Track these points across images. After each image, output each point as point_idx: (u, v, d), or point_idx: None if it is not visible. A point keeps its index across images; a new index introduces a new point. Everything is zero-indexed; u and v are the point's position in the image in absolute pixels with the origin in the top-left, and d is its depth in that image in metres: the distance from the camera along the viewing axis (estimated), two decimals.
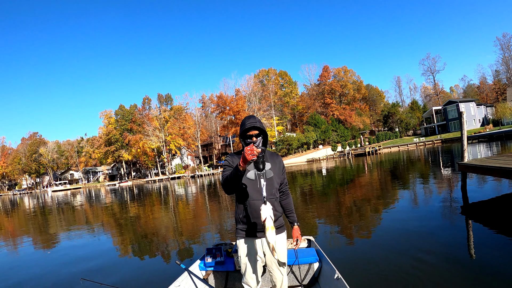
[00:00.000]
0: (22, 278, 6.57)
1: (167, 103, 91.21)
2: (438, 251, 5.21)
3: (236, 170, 2.36)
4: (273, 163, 2.78)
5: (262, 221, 2.36)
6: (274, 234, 2.33)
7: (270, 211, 2.38)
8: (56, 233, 12.67)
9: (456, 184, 11.81)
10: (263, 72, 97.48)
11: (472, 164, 9.40)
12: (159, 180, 72.59)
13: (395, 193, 12.11)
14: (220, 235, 8.55)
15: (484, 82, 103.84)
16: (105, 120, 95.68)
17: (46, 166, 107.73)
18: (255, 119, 2.71)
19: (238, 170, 2.34)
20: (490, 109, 78.88)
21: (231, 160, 2.74)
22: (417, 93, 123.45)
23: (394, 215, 8.45)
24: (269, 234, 2.29)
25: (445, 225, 6.80)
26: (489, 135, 49.83)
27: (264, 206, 2.38)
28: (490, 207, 7.90)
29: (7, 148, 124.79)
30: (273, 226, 2.33)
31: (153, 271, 6.06)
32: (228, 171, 2.63)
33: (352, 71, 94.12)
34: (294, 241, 2.83)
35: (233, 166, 2.63)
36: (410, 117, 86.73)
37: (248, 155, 2.19)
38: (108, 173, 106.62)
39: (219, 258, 4.07)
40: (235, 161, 2.70)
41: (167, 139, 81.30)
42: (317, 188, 17.64)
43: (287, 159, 69.80)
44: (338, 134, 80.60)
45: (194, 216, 13.17)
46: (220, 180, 2.61)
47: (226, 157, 2.84)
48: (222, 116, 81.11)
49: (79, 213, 20.18)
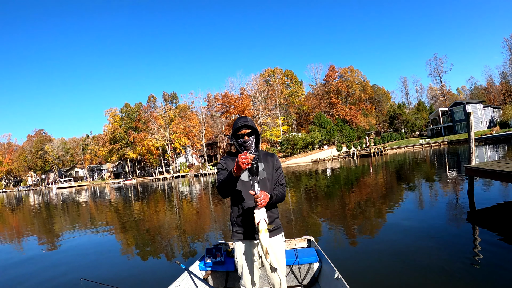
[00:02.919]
0: (22, 277, 6.55)
1: (173, 102, 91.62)
2: (441, 258, 5.05)
3: (230, 175, 2.37)
4: (266, 163, 2.76)
5: (256, 224, 2.34)
6: (267, 237, 2.32)
7: (264, 214, 2.36)
8: (58, 231, 12.70)
9: (462, 188, 11.60)
10: (269, 71, 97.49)
11: (480, 168, 8.98)
12: (163, 178, 72.86)
13: (399, 196, 11.95)
14: (222, 235, 8.50)
15: (491, 84, 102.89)
16: (110, 118, 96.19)
17: (52, 163, 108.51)
18: (247, 119, 2.69)
19: (232, 176, 2.34)
20: (497, 111, 78.27)
21: (224, 163, 2.73)
22: (423, 94, 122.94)
23: (398, 218, 8.32)
24: (262, 236, 2.29)
25: (450, 231, 6.53)
26: (496, 137, 49.42)
27: (257, 210, 2.35)
28: (498, 214, 7.54)
29: (13, 145, 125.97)
30: (266, 229, 2.33)
31: (153, 271, 6.02)
32: (222, 175, 2.62)
33: (358, 71, 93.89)
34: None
35: (227, 169, 2.66)
36: (416, 118, 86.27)
37: (243, 164, 2.17)
38: (113, 171, 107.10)
39: (219, 258, 4.03)
40: (229, 164, 2.71)
41: (172, 137, 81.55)
42: (321, 188, 17.57)
43: (291, 159, 69.76)
44: (344, 134, 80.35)
45: (196, 215, 13.15)
46: (216, 184, 2.60)
47: (220, 160, 2.81)
48: (227, 115, 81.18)
49: (82, 211, 20.27)
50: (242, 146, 2.68)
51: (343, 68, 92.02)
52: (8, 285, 6.12)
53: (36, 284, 5.98)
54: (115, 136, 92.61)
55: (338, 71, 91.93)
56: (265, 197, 2.36)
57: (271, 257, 2.40)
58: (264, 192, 2.38)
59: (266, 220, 2.36)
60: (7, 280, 6.42)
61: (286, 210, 11.18)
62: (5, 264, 7.89)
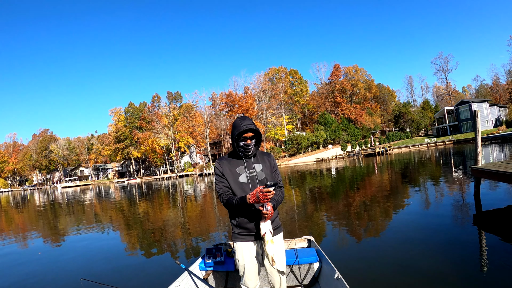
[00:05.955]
0: (23, 276, 6.53)
1: (177, 101, 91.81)
2: (445, 261, 4.92)
3: (243, 202, 2.41)
4: (263, 163, 2.75)
5: (262, 235, 2.43)
6: (273, 247, 2.42)
7: (269, 226, 2.46)
8: (61, 230, 12.74)
9: (468, 188, 11.43)
10: (273, 70, 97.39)
11: (486, 169, 8.67)
12: (167, 177, 73.08)
13: (403, 196, 11.81)
14: (223, 235, 8.46)
15: (497, 82, 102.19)
16: (115, 118, 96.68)
17: (57, 163, 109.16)
18: (250, 121, 2.65)
19: (245, 202, 2.39)
20: (503, 109, 77.77)
21: (221, 168, 2.70)
22: (429, 92, 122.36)
23: (401, 219, 8.21)
24: (268, 247, 2.40)
25: (455, 234, 6.30)
26: (502, 136, 49.09)
27: (263, 222, 2.44)
28: (505, 217, 7.25)
29: (18, 145, 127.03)
30: (272, 240, 2.43)
31: (153, 271, 5.98)
32: (222, 184, 2.66)
33: (363, 70, 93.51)
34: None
35: (224, 175, 2.66)
36: (422, 117, 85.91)
37: (262, 199, 2.27)
38: (118, 170, 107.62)
39: (219, 258, 4.02)
40: (225, 168, 2.69)
41: (176, 137, 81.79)
42: (325, 188, 17.49)
43: (296, 158, 69.75)
44: (349, 133, 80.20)
45: (199, 215, 13.13)
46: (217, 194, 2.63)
47: (215, 162, 2.78)
48: (231, 114, 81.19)
49: (85, 210, 20.33)
50: (243, 149, 2.65)
51: (348, 67, 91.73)
52: (9, 284, 6.10)
53: (36, 283, 5.95)
54: (119, 135, 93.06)
55: (343, 70, 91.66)
56: (272, 211, 2.41)
57: (276, 263, 2.48)
58: (271, 207, 2.41)
59: (271, 231, 2.45)
60: (7, 280, 6.41)
61: (290, 209, 11.11)
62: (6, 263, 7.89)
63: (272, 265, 2.44)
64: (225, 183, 2.65)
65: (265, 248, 2.40)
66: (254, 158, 2.73)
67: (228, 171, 2.65)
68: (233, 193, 2.61)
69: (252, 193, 2.34)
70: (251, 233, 2.64)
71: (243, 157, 2.69)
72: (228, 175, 2.64)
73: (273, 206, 2.49)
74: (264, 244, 2.41)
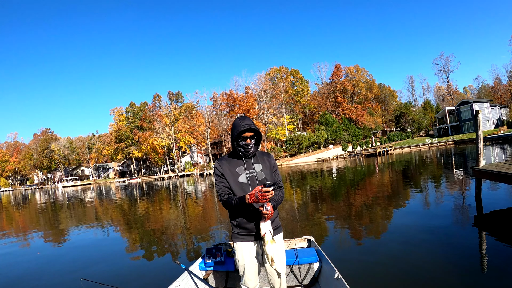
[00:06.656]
0: (23, 275, 6.53)
1: (178, 101, 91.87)
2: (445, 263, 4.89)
3: (242, 202, 2.40)
4: (263, 163, 2.75)
5: (262, 235, 2.43)
6: (272, 248, 2.42)
7: (269, 226, 2.47)
8: (60, 229, 12.73)
9: (469, 189, 11.38)
10: (274, 70, 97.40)
11: (488, 170, 8.59)
12: (168, 177, 73.10)
13: (404, 197, 11.78)
14: (223, 235, 8.45)
15: (499, 83, 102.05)
16: (116, 117, 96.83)
17: (58, 162, 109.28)
18: (250, 120, 2.65)
19: (244, 202, 2.38)
20: (505, 110, 77.66)
21: (221, 168, 2.70)
22: (430, 93, 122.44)
23: (401, 219, 8.17)
24: (268, 247, 2.41)
25: (455, 236, 6.25)
26: (503, 137, 48.98)
27: (263, 223, 2.45)
28: (506, 218, 7.18)
29: (19, 144, 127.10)
30: (272, 240, 2.44)
31: (153, 271, 5.97)
32: (221, 184, 2.66)
33: (364, 70, 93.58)
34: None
35: (224, 175, 2.65)
36: (423, 117, 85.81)
37: (261, 199, 2.26)
38: (119, 169, 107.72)
39: (219, 258, 4.01)
40: (225, 168, 2.68)
41: (177, 136, 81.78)
42: (326, 188, 17.46)
43: (297, 158, 69.72)
44: (350, 133, 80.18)
45: (200, 214, 13.13)
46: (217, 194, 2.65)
47: (215, 162, 2.78)
48: (232, 114, 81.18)
49: (86, 209, 20.30)
50: (243, 148, 2.64)
51: (349, 67, 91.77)
52: (9, 283, 6.10)
53: (36, 283, 5.95)
54: (120, 135, 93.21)
55: (344, 70, 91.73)
56: (272, 211, 2.39)
57: (276, 263, 2.47)
58: (271, 207, 2.40)
59: (271, 231, 2.47)
60: (8, 279, 6.40)
61: (291, 209, 11.09)
62: (7, 262, 7.88)
63: (271, 266, 2.44)
64: (224, 183, 2.65)
65: (265, 248, 2.41)
66: (253, 158, 2.73)
67: (228, 171, 2.65)
68: (233, 193, 2.60)
69: (251, 193, 2.33)
70: (251, 233, 2.64)
71: (242, 157, 2.69)
72: (228, 175, 2.64)
73: (273, 206, 2.47)
74: (264, 244, 2.41)
